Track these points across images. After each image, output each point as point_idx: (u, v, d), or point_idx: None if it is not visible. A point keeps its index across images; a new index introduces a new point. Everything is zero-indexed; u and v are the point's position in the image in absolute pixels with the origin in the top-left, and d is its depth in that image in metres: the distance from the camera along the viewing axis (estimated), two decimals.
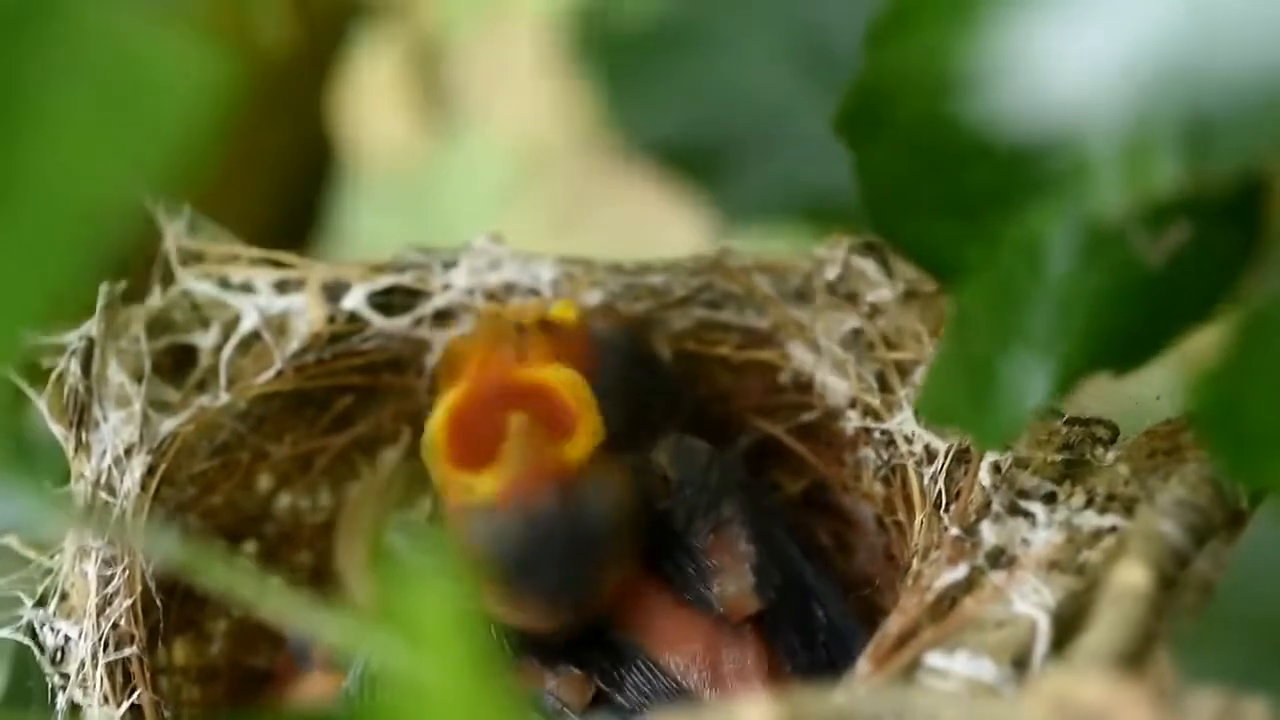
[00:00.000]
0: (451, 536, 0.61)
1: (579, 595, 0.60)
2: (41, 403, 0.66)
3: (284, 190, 0.98)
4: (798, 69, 0.98)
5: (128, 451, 0.66)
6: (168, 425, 0.68)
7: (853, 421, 0.67)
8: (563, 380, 0.60)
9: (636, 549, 0.62)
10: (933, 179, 0.49)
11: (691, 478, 0.64)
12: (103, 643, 0.63)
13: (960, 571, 0.54)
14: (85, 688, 0.62)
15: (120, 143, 0.33)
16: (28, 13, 0.33)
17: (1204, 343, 0.47)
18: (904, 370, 0.66)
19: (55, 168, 0.34)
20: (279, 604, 0.43)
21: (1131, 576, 0.47)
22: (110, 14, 0.33)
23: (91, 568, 0.64)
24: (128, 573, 0.64)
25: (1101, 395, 0.58)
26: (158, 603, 0.66)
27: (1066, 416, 0.59)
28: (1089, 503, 0.55)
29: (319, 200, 1.00)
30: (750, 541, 0.62)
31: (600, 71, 1.02)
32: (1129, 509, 0.54)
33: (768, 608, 0.61)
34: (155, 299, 0.69)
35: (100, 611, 0.63)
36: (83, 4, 0.33)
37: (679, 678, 0.61)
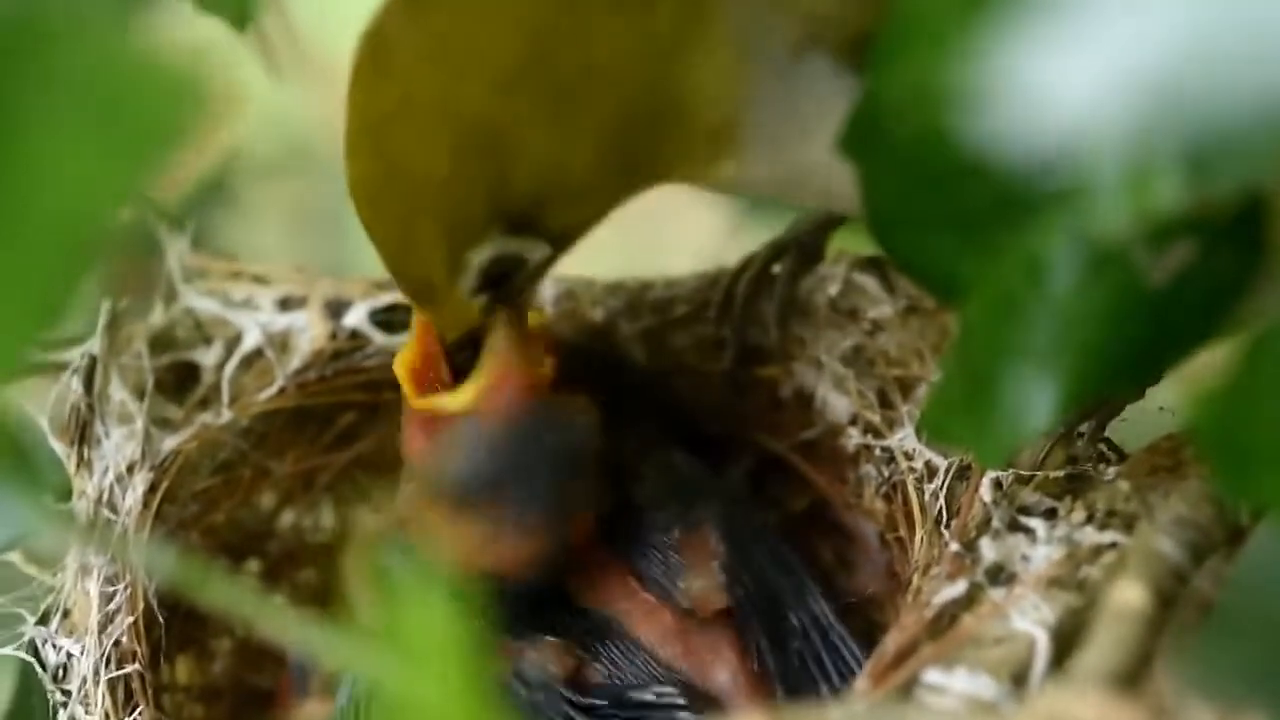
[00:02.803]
0: (428, 471, 0.60)
1: (570, 508, 0.60)
2: (43, 420, 0.66)
3: None
4: None
5: (129, 469, 0.66)
6: (170, 442, 0.68)
7: (854, 438, 0.67)
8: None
9: (606, 488, 0.62)
10: (934, 195, 0.49)
11: (669, 482, 0.64)
12: (105, 660, 0.63)
13: (959, 588, 0.54)
14: (87, 705, 0.62)
15: (116, 163, 0.34)
16: (24, 37, 0.34)
17: (1208, 359, 0.47)
18: (905, 387, 0.66)
19: (51, 187, 0.34)
20: (280, 623, 0.43)
21: (1129, 595, 0.47)
22: (106, 39, 0.33)
23: (93, 585, 0.64)
24: (130, 590, 0.64)
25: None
26: (160, 620, 0.66)
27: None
28: (1089, 519, 0.55)
29: None
30: (721, 542, 0.62)
31: None
32: (1129, 525, 0.54)
33: (736, 606, 0.61)
34: (158, 316, 0.69)
35: (102, 629, 0.63)
36: (79, 29, 0.34)
37: (655, 651, 0.61)
